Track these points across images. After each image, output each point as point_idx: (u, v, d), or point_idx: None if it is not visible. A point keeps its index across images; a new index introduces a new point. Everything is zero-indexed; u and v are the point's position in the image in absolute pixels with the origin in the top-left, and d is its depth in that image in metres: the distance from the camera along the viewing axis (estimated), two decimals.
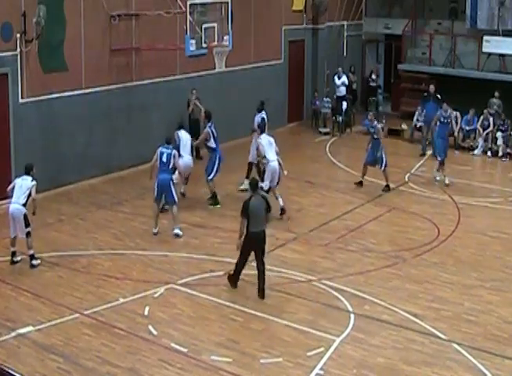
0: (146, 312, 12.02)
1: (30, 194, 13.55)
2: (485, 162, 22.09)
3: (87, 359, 10.59)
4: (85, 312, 11.96)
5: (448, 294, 12.93)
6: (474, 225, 16.51)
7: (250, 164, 17.90)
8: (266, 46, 24.09)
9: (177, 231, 15.24)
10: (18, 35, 16.72)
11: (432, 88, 22.39)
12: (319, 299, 12.67)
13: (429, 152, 22.09)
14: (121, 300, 12.44)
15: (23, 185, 13.62)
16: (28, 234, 13.58)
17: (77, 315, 11.90)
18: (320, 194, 18.39)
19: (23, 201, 13.52)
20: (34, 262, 13.68)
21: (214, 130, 17.15)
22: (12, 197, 13.69)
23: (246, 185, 16.57)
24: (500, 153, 22.02)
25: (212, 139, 17.11)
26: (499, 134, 22.11)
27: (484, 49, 24.13)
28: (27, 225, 13.55)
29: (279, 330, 11.60)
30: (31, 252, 13.68)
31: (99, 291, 12.82)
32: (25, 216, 13.53)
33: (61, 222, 15.90)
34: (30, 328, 11.37)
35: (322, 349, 10.93)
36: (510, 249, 15.08)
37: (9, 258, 13.75)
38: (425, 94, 22.70)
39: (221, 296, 12.66)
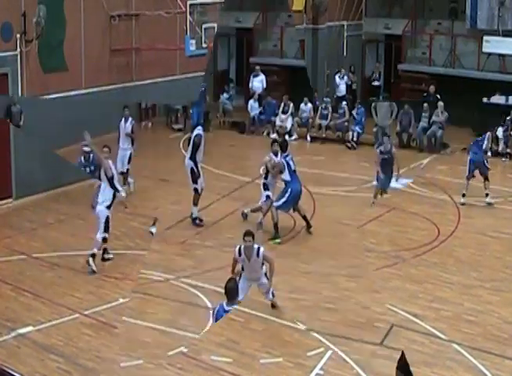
0: None
1: (114, 196, 13.68)
2: None
3: (87, 359, 10.59)
4: (85, 312, 11.95)
5: (448, 294, 12.92)
6: (474, 225, 16.48)
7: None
8: None
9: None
10: (18, 35, 16.73)
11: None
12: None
13: None
14: (121, 300, 12.44)
15: (106, 187, 13.70)
16: (104, 240, 13.55)
17: (77, 315, 11.89)
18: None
19: (108, 203, 13.60)
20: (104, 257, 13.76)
21: (289, 162, 15.43)
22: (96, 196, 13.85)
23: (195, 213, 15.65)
24: (500, 153, 22.00)
25: (286, 171, 15.39)
26: (499, 134, 22.08)
27: (484, 49, 24.08)
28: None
29: (279, 330, 11.59)
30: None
31: (99, 291, 12.81)
32: (107, 219, 13.55)
33: (61, 222, 15.87)
34: (30, 328, 11.37)
35: (322, 349, 10.92)
36: (510, 249, 15.05)
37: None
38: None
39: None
